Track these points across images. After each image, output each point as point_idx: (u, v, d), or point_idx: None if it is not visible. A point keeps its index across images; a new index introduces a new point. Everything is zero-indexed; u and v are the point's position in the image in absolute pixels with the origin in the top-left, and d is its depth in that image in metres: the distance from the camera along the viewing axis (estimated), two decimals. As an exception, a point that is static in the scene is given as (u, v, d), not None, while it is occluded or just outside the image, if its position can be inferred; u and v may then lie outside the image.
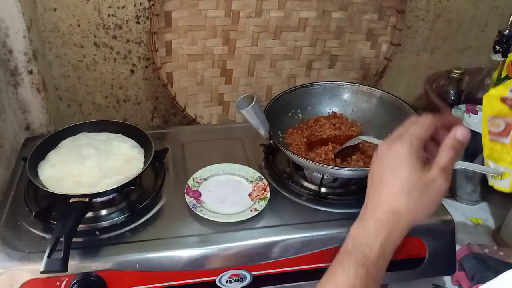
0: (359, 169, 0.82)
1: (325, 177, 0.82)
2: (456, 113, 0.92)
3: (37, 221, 0.75)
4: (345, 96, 0.97)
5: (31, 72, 0.94)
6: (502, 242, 0.89)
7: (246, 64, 1.09)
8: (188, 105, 1.09)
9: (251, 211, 0.78)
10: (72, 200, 0.71)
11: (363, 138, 0.84)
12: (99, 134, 0.90)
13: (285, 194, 0.84)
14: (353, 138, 0.86)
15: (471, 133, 0.87)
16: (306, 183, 0.86)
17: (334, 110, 0.97)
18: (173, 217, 0.78)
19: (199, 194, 0.81)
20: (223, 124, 1.13)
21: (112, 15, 1.02)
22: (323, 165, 0.79)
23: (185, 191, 0.81)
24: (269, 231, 0.75)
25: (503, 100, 0.70)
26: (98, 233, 0.74)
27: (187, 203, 0.78)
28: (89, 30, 1.02)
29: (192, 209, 0.77)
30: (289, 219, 0.78)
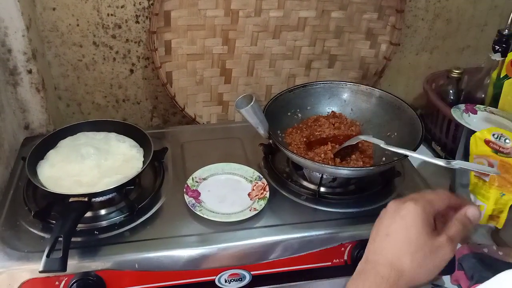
0: (358, 168, 0.82)
1: (324, 176, 0.82)
2: (455, 113, 0.92)
3: (36, 220, 0.75)
4: (345, 96, 0.97)
5: (30, 72, 0.94)
6: (501, 242, 0.89)
7: (246, 64, 1.09)
8: (187, 104, 1.09)
9: (250, 210, 0.78)
10: (71, 199, 0.72)
11: (362, 137, 0.85)
12: (98, 134, 0.90)
13: (284, 193, 0.84)
14: (353, 137, 0.86)
15: (471, 132, 0.88)
16: (305, 183, 0.86)
17: (333, 109, 0.97)
18: (172, 216, 0.78)
19: (198, 194, 0.81)
20: (223, 123, 1.13)
21: (112, 15, 1.02)
22: (323, 165, 0.79)
23: (184, 190, 0.81)
24: (268, 230, 0.75)
25: (487, 143, 0.78)
26: (97, 233, 0.74)
27: (186, 202, 0.78)
28: (88, 30, 1.02)
29: (192, 208, 0.77)
30: (288, 218, 0.78)
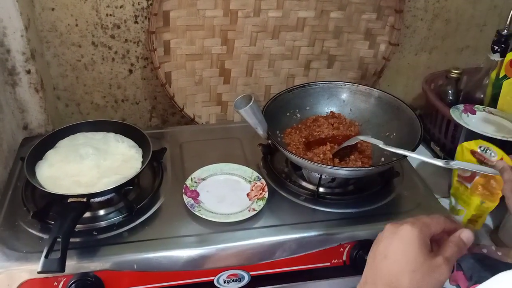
0: (357, 169, 0.82)
1: (323, 177, 0.82)
2: (454, 113, 0.92)
3: (34, 221, 0.75)
4: (343, 96, 0.97)
5: (29, 72, 0.94)
6: (500, 242, 0.89)
7: (245, 64, 1.09)
8: (186, 104, 1.09)
9: (249, 211, 0.78)
10: (70, 200, 0.72)
11: (361, 138, 0.85)
12: (97, 134, 0.90)
13: (283, 194, 0.84)
14: (351, 138, 0.86)
15: (469, 132, 0.89)
16: (304, 183, 0.86)
17: (332, 110, 0.97)
18: (171, 217, 0.78)
19: (197, 194, 0.81)
20: (222, 124, 1.13)
21: (110, 15, 1.01)
22: (321, 165, 0.79)
23: (183, 191, 0.81)
24: (267, 231, 0.75)
25: (473, 153, 0.83)
26: (96, 233, 0.74)
27: (185, 203, 0.78)
28: (87, 30, 1.02)
29: (190, 209, 0.77)
30: (287, 219, 0.78)
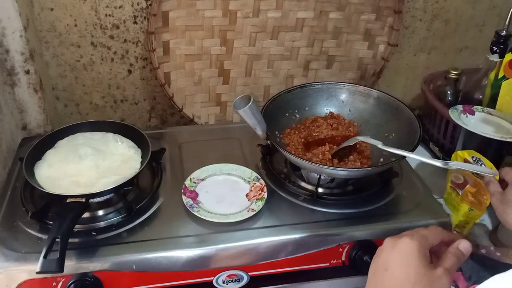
0: (356, 169, 0.82)
1: (322, 177, 0.82)
2: (453, 114, 0.92)
3: (33, 221, 0.75)
4: (343, 97, 0.97)
5: (28, 72, 0.94)
6: (499, 243, 0.89)
7: (244, 64, 1.09)
8: (185, 105, 1.09)
9: (248, 211, 0.78)
10: (69, 200, 0.71)
11: (360, 138, 0.85)
12: (96, 134, 0.90)
13: (282, 194, 0.84)
14: (350, 138, 0.86)
15: (468, 133, 0.89)
16: (303, 184, 0.86)
17: (331, 110, 0.97)
18: (170, 217, 0.78)
19: (196, 195, 0.81)
20: (221, 124, 1.13)
21: (109, 15, 1.01)
22: (320, 166, 0.79)
23: (182, 191, 0.81)
24: (266, 231, 0.75)
25: (465, 162, 0.84)
26: (94, 234, 0.74)
27: (184, 203, 0.78)
28: (86, 30, 1.02)
29: (189, 209, 0.77)
30: (286, 219, 0.78)
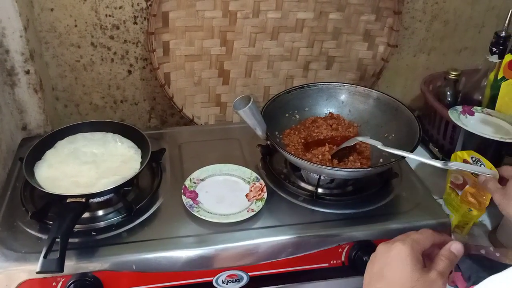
0: (356, 169, 0.82)
1: (322, 177, 0.82)
2: (453, 114, 0.92)
3: (33, 221, 0.75)
4: (342, 97, 0.97)
5: (28, 72, 0.94)
6: (498, 243, 0.89)
7: (244, 65, 1.09)
8: (185, 105, 1.09)
9: (248, 211, 0.78)
10: (69, 200, 0.71)
11: (360, 139, 0.85)
12: (96, 135, 0.90)
13: (282, 194, 0.84)
14: (350, 139, 0.86)
15: (468, 133, 0.89)
16: (303, 184, 0.86)
17: (331, 111, 0.97)
18: (170, 217, 0.78)
19: (196, 195, 0.81)
20: (220, 124, 1.13)
21: (109, 16, 1.02)
22: (320, 166, 0.79)
23: (182, 191, 0.81)
24: (266, 231, 0.75)
25: (465, 162, 0.84)
26: (94, 234, 0.74)
27: (184, 203, 0.78)
28: (86, 31, 1.02)
29: (189, 209, 0.77)
30: (286, 219, 0.78)
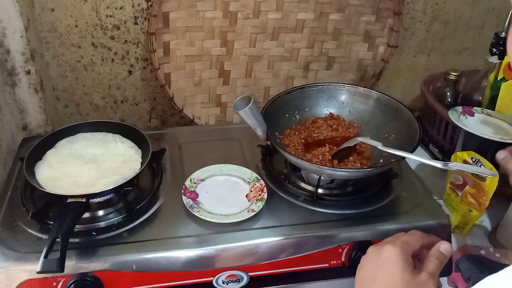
0: (356, 170, 0.82)
1: (322, 178, 0.82)
2: (453, 115, 0.92)
3: (34, 221, 0.75)
4: (342, 98, 0.97)
5: (28, 72, 0.94)
6: (498, 244, 0.89)
7: (244, 65, 1.09)
8: (185, 106, 1.09)
9: (248, 212, 0.78)
10: (69, 200, 0.71)
11: (360, 139, 0.85)
12: (96, 135, 0.90)
13: (282, 195, 0.84)
14: (350, 139, 0.86)
15: (468, 134, 0.89)
16: (303, 184, 0.86)
17: (331, 111, 0.97)
18: (170, 217, 0.78)
19: (196, 195, 0.82)
20: (221, 125, 1.13)
21: (110, 16, 1.02)
22: (320, 166, 0.79)
23: (182, 191, 0.81)
24: (266, 232, 0.75)
25: (465, 163, 0.84)
26: (95, 234, 0.74)
27: (184, 203, 0.78)
28: (87, 31, 1.02)
29: (189, 209, 0.77)
30: (286, 220, 0.78)
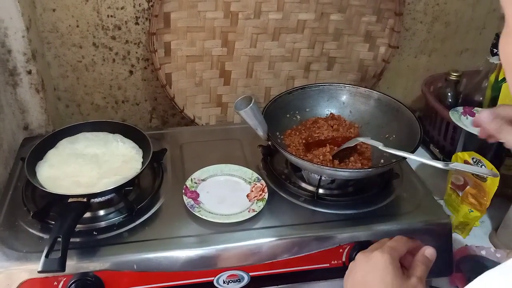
0: (356, 170, 0.82)
1: (322, 178, 0.82)
2: (454, 115, 0.93)
3: (35, 221, 0.75)
4: (343, 98, 0.97)
5: (30, 72, 0.94)
6: (498, 244, 0.89)
7: (245, 66, 1.09)
8: (186, 106, 1.09)
9: (249, 212, 0.78)
10: (70, 200, 0.72)
11: (361, 139, 0.85)
12: (97, 135, 0.90)
13: (283, 195, 0.84)
14: (351, 139, 0.86)
15: (468, 134, 0.89)
16: (304, 184, 0.86)
17: (332, 111, 0.97)
18: (171, 217, 0.78)
19: (197, 195, 0.82)
20: (222, 125, 1.13)
21: (111, 16, 1.02)
22: (321, 166, 0.79)
23: (183, 191, 0.81)
24: (267, 232, 0.75)
25: (466, 163, 0.85)
26: (96, 233, 0.74)
27: (185, 203, 0.79)
28: (88, 31, 1.03)
29: (190, 209, 0.77)
30: (286, 220, 0.78)
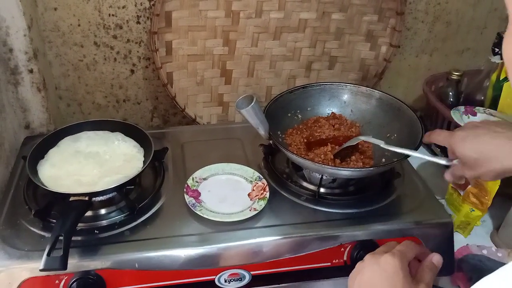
0: (358, 169, 0.82)
1: (324, 177, 0.82)
2: (455, 115, 0.93)
3: (36, 219, 0.75)
4: (345, 97, 0.97)
5: (31, 71, 0.94)
6: (500, 243, 0.89)
7: (246, 65, 1.09)
8: (187, 105, 1.10)
9: (250, 210, 0.78)
10: (72, 198, 0.72)
11: (362, 138, 0.85)
12: (99, 133, 0.90)
13: (284, 194, 0.84)
14: (352, 138, 0.86)
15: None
16: (305, 183, 0.86)
17: (333, 110, 0.97)
18: (173, 216, 0.78)
19: (199, 194, 0.82)
20: (223, 124, 1.13)
21: (113, 15, 1.02)
22: (323, 166, 0.79)
23: (184, 190, 0.81)
24: (268, 230, 0.75)
25: None
26: (97, 232, 0.74)
27: (187, 202, 0.79)
28: (89, 30, 1.03)
29: (192, 208, 0.77)
30: (288, 219, 0.78)
